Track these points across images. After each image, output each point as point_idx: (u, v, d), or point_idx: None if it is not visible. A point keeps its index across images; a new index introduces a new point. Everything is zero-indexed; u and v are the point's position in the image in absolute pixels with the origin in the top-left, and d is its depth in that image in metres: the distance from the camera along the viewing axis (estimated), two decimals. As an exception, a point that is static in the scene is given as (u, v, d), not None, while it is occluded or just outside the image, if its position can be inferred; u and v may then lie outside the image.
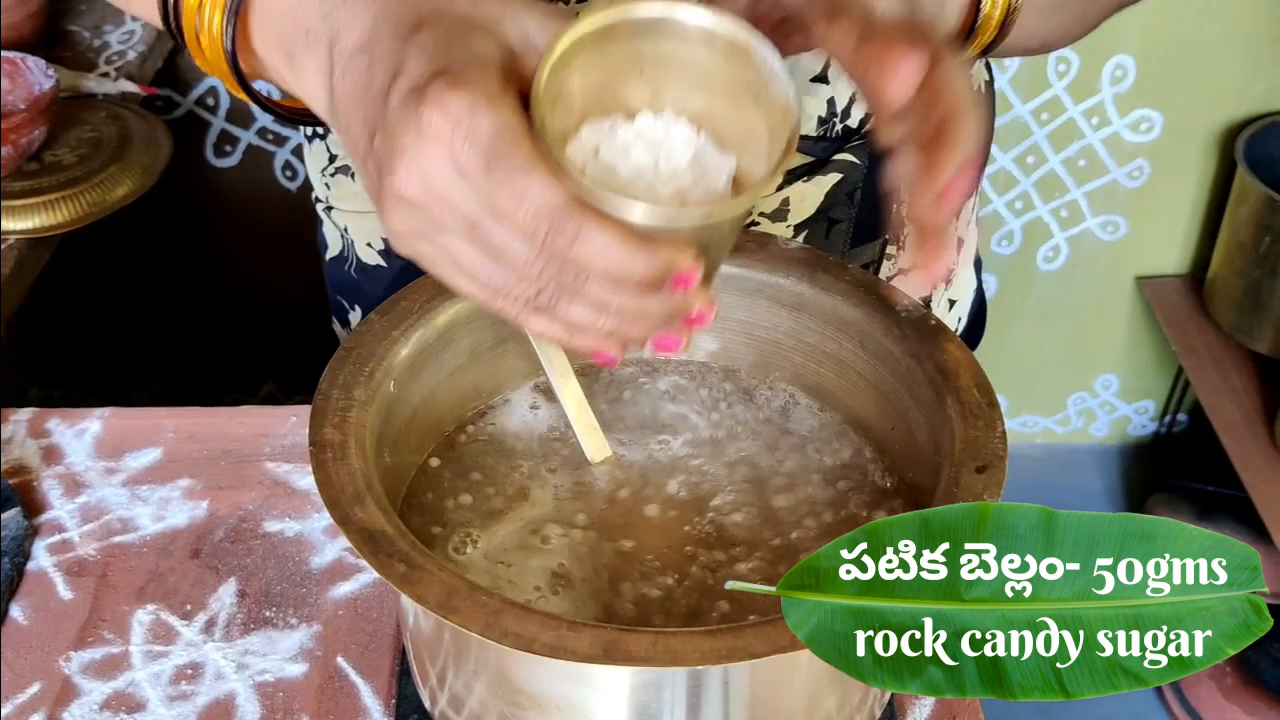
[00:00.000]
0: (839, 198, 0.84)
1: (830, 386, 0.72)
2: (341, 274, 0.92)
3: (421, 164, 0.48)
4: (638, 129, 0.52)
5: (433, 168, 0.48)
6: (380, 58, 0.50)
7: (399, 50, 0.50)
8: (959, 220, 0.93)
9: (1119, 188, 1.87)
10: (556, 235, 0.47)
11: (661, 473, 0.68)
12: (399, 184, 0.49)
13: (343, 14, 0.52)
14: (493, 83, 0.48)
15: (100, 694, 0.71)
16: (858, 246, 0.87)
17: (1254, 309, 1.83)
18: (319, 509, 0.81)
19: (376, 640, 0.73)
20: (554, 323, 0.52)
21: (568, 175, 0.47)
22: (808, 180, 0.83)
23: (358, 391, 0.62)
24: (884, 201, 0.86)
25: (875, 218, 0.86)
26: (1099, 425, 2.18)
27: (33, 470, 0.83)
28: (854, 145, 0.83)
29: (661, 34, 0.51)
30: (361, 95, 0.51)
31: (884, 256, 0.88)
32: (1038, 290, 2.00)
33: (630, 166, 0.51)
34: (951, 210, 0.54)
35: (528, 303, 0.51)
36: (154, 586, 0.76)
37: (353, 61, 0.51)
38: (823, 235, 0.85)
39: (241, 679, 0.71)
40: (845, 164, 0.83)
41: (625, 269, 0.48)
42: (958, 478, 0.58)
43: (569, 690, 0.55)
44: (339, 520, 0.55)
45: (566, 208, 0.47)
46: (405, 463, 0.67)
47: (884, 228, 0.87)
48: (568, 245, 0.47)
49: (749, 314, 0.72)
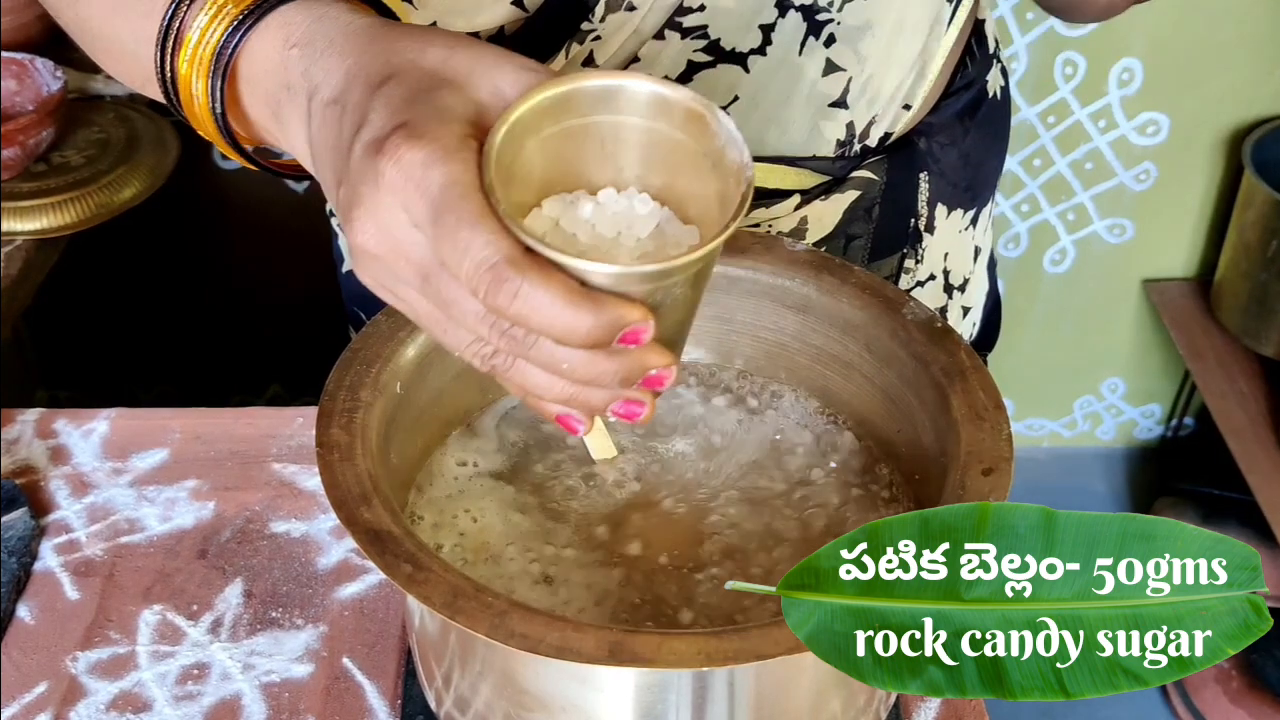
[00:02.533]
0: (857, 214, 0.84)
1: (836, 389, 0.72)
2: (358, 286, 0.92)
3: (378, 215, 0.49)
4: (599, 202, 0.52)
5: (387, 218, 0.49)
6: (349, 110, 0.51)
7: (366, 103, 0.50)
8: (976, 229, 0.93)
9: (1126, 190, 1.87)
10: (497, 290, 0.47)
11: (666, 474, 0.69)
12: (357, 234, 0.49)
13: (319, 68, 0.53)
14: (451, 137, 0.48)
15: (107, 694, 0.71)
16: (875, 261, 0.87)
17: (1261, 312, 1.83)
18: (325, 510, 0.81)
19: (382, 641, 0.74)
20: (512, 384, 0.52)
21: (516, 231, 0.47)
22: (825, 199, 0.83)
23: (364, 393, 0.62)
24: (901, 216, 0.86)
25: (892, 233, 0.86)
26: (1105, 429, 2.18)
27: (40, 470, 0.84)
28: (871, 162, 0.83)
29: (616, 104, 0.51)
30: (333, 145, 0.52)
31: (902, 271, 0.88)
32: (1044, 293, 2.00)
33: (591, 236, 0.51)
34: None
35: (484, 360, 0.51)
36: (160, 587, 0.77)
37: (327, 113, 0.52)
38: (840, 252, 0.85)
39: (248, 679, 0.72)
40: (863, 180, 0.83)
41: (569, 325, 0.48)
42: (963, 481, 0.58)
43: (574, 691, 0.56)
44: (345, 521, 0.55)
45: (507, 263, 0.47)
46: (411, 463, 0.68)
47: (901, 242, 0.87)
48: (508, 301, 0.47)
49: (754, 316, 0.72)
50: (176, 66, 0.58)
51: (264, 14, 0.55)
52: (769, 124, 0.79)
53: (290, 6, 0.55)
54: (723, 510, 0.66)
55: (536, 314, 0.47)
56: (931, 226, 0.88)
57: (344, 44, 0.53)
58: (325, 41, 0.54)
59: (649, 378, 0.52)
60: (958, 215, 0.90)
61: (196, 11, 0.56)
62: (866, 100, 0.80)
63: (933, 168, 0.86)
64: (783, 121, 0.79)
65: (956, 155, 0.88)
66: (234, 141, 0.59)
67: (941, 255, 0.90)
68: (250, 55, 0.56)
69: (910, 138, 0.85)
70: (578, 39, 0.74)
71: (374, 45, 0.52)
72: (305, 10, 0.55)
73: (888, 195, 0.85)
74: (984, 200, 0.93)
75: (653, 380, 0.52)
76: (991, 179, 0.94)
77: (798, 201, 0.82)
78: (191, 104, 0.58)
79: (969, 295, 0.95)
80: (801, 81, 0.78)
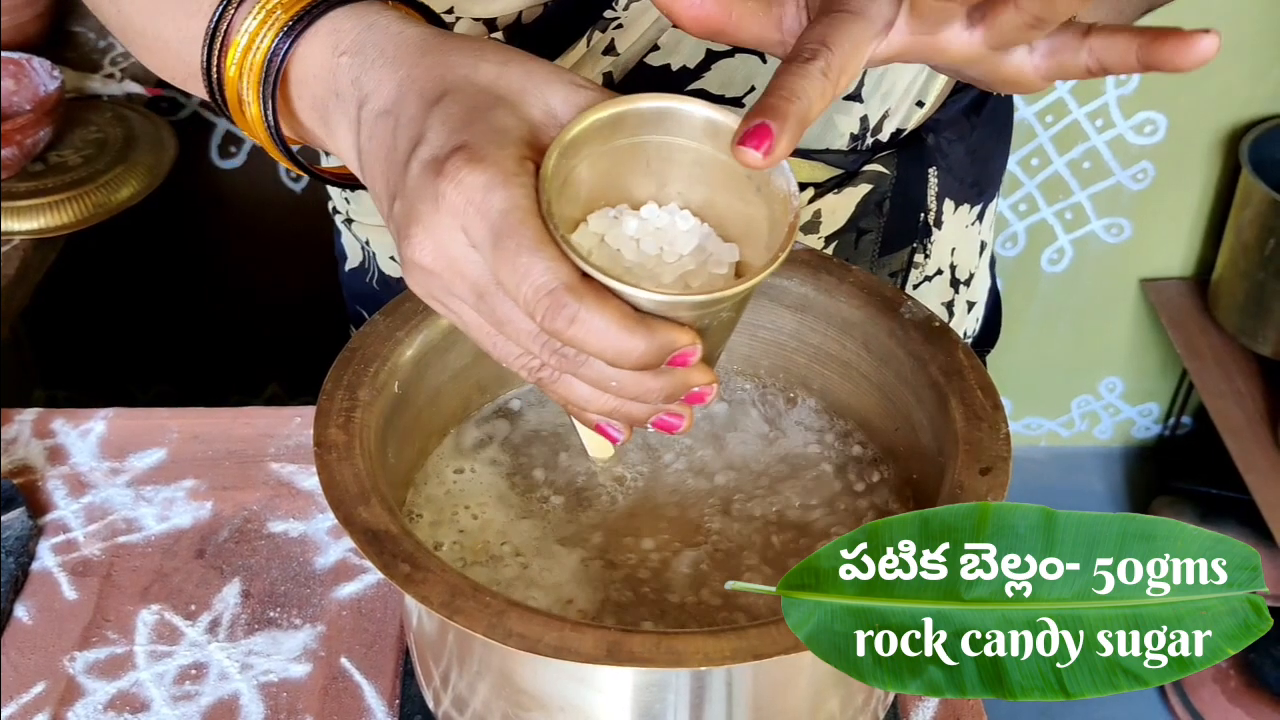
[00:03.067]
0: (868, 208, 0.85)
1: (834, 388, 0.72)
2: (362, 285, 0.92)
3: (436, 234, 0.50)
4: (643, 218, 0.53)
5: (445, 238, 0.49)
6: (404, 124, 0.51)
7: (422, 118, 0.51)
8: (982, 224, 0.93)
9: (1123, 190, 1.88)
10: (555, 315, 0.48)
11: (664, 473, 0.69)
12: (414, 250, 0.50)
13: (370, 77, 0.54)
14: (510, 160, 0.49)
15: (104, 694, 0.71)
16: (886, 255, 0.87)
17: (1258, 312, 1.83)
18: (323, 509, 0.81)
19: (380, 641, 0.74)
20: (556, 395, 0.53)
21: (572, 257, 0.48)
22: (838, 192, 0.83)
23: (362, 392, 0.62)
24: (911, 211, 0.86)
25: (902, 227, 0.87)
26: (1103, 428, 2.18)
27: (37, 470, 0.84)
28: (883, 156, 0.84)
29: (667, 125, 0.52)
30: (386, 158, 0.52)
31: (911, 265, 0.89)
32: (1042, 292, 2.00)
33: (635, 253, 0.52)
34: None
35: (531, 372, 0.52)
36: (158, 587, 0.77)
37: (379, 124, 0.53)
38: (852, 245, 0.86)
39: (245, 679, 0.72)
40: (875, 174, 0.84)
41: (622, 349, 0.49)
42: (961, 480, 0.58)
43: (573, 691, 0.56)
44: (343, 521, 0.55)
45: (566, 289, 0.48)
46: (409, 462, 0.68)
47: (912, 236, 0.87)
48: (565, 325, 0.48)
49: (752, 315, 0.72)
50: (224, 68, 0.57)
51: (314, 19, 0.55)
52: None
53: (339, 12, 0.55)
54: (722, 509, 0.66)
55: (592, 338, 0.48)
56: (940, 221, 0.88)
57: (395, 54, 0.53)
58: (375, 50, 0.54)
59: (691, 394, 0.53)
60: (965, 210, 0.90)
61: (245, 14, 0.56)
62: (881, 95, 0.81)
63: (941, 163, 0.87)
64: None
65: (964, 151, 0.88)
66: (285, 147, 0.59)
67: (949, 250, 0.91)
68: (300, 60, 0.56)
69: (919, 133, 0.85)
70: (600, 26, 0.74)
71: (426, 57, 0.53)
72: (355, 17, 0.55)
73: (898, 190, 0.85)
74: (990, 196, 0.94)
75: (694, 396, 0.53)
76: (997, 175, 0.95)
77: (812, 194, 0.82)
78: (238, 107, 0.58)
79: (974, 290, 0.95)
80: None
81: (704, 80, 0.77)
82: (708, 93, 0.77)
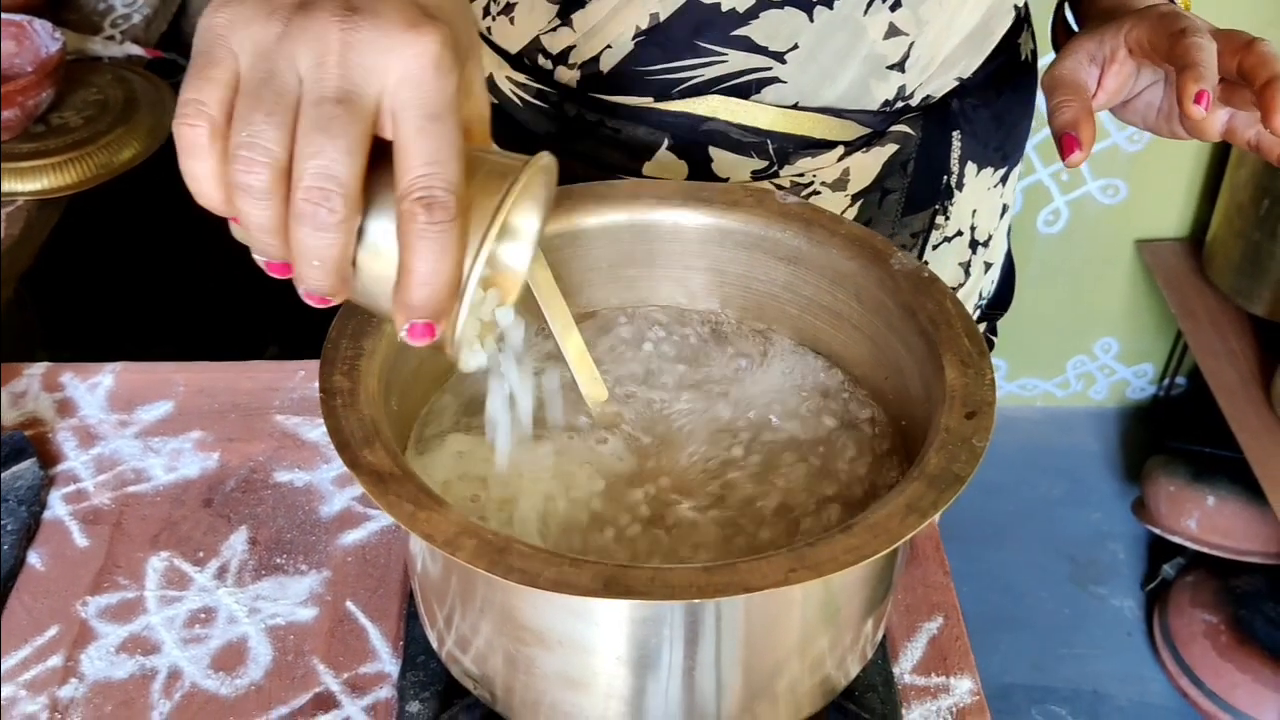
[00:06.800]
0: (894, 168, 0.86)
1: (826, 338, 0.73)
2: None
3: (310, 25, 0.48)
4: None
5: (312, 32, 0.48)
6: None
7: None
8: (1006, 187, 0.95)
9: (1119, 151, 1.89)
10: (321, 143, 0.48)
11: (660, 422, 0.70)
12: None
13: None
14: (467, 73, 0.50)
15: (117, 637, 0.73)
16: (909, 215, 0.89)
17: (1253, 272, 1.84)
18: (327, 460, 0.83)
19: (385, 585, 0.75)
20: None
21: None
22: (866, 151, 0.85)
23: (366, 341, 0.63)
24: (934, 173, 0.88)
25: (926, 188, 0.88)
26: (1098, 388, 2.20)
27: (47, 423, 0.85)
28: (909, 118, 0.85)
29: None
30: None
31: (933, 226, 0.90)
32: (1038, 254, 2.01)
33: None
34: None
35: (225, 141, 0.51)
36: (167, 534, 0.78)
37: None
38: (876, 205, 0.87)
39: (253, 622, 0.74)
40: (901, 135, 0.86)
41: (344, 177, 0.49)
42: (948, 424, 0.60)
43: (571, 625, 0.57)
44: (349, 463, 0.57)
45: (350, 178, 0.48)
46: (412, 409, 0.69)
47: (935, 198, 0.89)
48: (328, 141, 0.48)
49: (746, 268, 0.74)
50: None
51: None
52: (824, 78, 0.81)
53: None
54: (716, 457, 0.68)
55: (328, 150, 0.49)
56: (961, 184, 0.90)
57: None
58: None
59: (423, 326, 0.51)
60: (988, 173, 0.92)
61: None
62: (921, 66, 0.82)
63: (965, 127, 0.88)
64: (836, 77, 0.81)
65: (989, 116, 0.90)
66: None
67: (969, 212, 0.92)
68: None
69: (945, 98, 0.87)
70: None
71: None
72: None
73: (922, 151, 0.87)
74: (1014, 160, 0.95)
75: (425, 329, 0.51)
76: (1021, 139, 0.96)
77: (841, 152, 0.84)
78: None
79: (992, 252, 0.97)
80: (862, 41, 0.80)
81: (749, 28, 0.78)
82: (752, 40, 0.78)
